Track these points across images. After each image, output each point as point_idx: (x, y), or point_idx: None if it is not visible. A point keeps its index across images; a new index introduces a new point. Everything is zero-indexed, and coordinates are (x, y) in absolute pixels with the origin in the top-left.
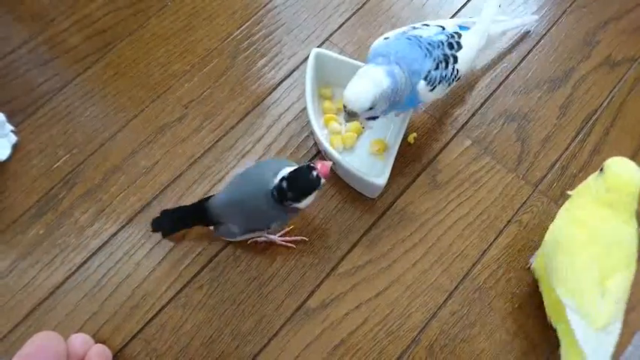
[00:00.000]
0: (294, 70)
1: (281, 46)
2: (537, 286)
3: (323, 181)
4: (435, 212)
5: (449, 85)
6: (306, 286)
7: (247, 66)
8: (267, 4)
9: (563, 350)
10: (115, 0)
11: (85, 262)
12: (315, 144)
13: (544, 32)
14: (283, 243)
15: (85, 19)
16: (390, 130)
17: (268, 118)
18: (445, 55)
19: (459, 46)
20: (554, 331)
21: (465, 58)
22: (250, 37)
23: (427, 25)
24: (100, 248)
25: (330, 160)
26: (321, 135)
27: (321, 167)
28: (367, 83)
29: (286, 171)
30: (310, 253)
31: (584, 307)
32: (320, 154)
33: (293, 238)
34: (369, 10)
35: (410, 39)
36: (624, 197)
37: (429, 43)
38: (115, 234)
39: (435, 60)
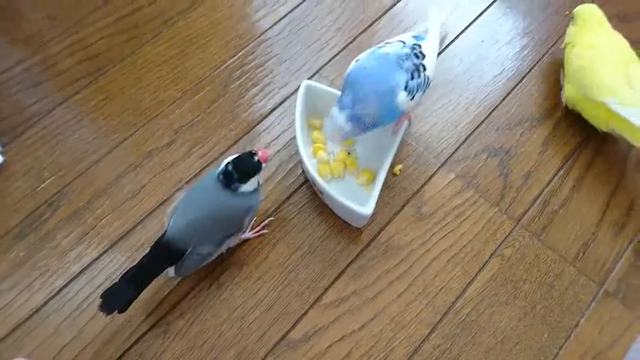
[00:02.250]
0: (284, 100)
1: (273, 76)
2: (520, 319)
3: (263, 165)
4: (420, 244)
5: (423, 92)
6: (289, 316)
7: (239, 94)
8: (261, 35)
9: (628, 136)
10: (108, 26)
11: (65, 286)
12: (304, 172)
13: (527, 71)
14: (256, 234)
15: (77, 44)
16: (377, 161)
17: (258, 145)
18: (415, 65)
19: (423, 55)
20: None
21: (431, 64)
22: (243, 67)
23: (389, 42)
24: (81, 272)
25: (318, 189)
26: (310, 164)
27: (262, 154)
28: (334, 130)
29: (229, 158)
30: (295, 283)
31: (624, 97)
32: (308, 182)
33: (262, 224)
34: (360, 44)
35: (379, 58)
36: (598, 18)
37: (398, 57)
38: (97, 258)
39: (407, 71)
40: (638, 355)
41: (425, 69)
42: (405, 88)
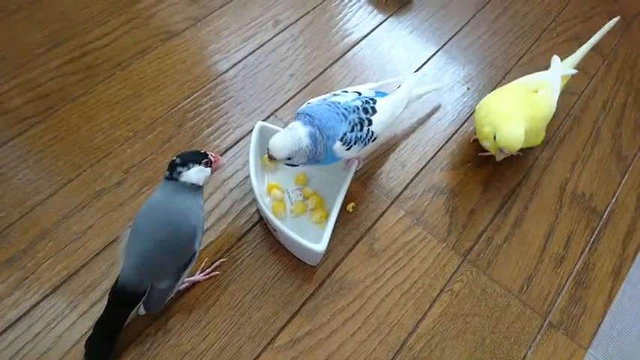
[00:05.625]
0: (239, 140)
1: (227, 117)
2: (471, 354)
3: (208, 171)
4: (373, 280)
5: (364, 144)
6: None
7: (193, 134)
8: (216, 78)
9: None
10: (60, 67)
11: None
12: (258, 210)
13: (467, 115)
14: (207, 276)
15: (28, 83)
16: (330, 199)
17: (211, 184)
18: (360, 118)
19: (374, 111)
20: None
21: (380, 121)
22: (197, 108)
23: (346, 91)
24: (18, 320)
25: (272, 227)
26: (263, 202)
27: (215, 159)
28: (290, 139)
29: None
30: (247, 325)
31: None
32: (262, 220)
33: (213, 266)
34: (314, 89)
35: (329, 105)
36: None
37: (346, 108)
38: (37, 304)
39: (350, 123)
40: None
41: (370, 124)
42: (342, 139)
